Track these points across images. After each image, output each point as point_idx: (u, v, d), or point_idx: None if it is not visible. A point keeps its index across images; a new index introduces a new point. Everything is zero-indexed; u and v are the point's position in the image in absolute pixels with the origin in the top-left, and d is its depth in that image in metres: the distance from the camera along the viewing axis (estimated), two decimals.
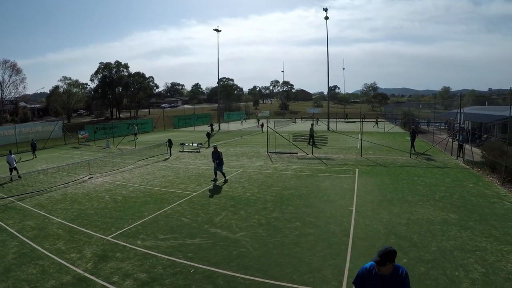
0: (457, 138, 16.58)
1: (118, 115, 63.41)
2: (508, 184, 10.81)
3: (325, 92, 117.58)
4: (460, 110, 16.97)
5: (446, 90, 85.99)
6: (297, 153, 19.60)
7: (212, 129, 32.77)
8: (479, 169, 13.51)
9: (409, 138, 19.89)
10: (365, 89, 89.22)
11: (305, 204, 9.77)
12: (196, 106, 73.87)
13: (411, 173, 13.67)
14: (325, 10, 33.86)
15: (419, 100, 75.37)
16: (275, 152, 20.15)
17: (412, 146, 18.42)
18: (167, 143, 19.83)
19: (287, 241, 7.21)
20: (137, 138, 29.57)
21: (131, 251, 6.79)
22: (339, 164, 16.03)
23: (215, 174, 13.25)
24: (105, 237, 7.63)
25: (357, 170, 14.54)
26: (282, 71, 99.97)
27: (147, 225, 8.41)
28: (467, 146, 16.37)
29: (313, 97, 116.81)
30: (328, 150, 20.20)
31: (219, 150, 13.23)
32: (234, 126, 43.15)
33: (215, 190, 11.77)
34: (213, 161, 13.11)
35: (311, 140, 21.08)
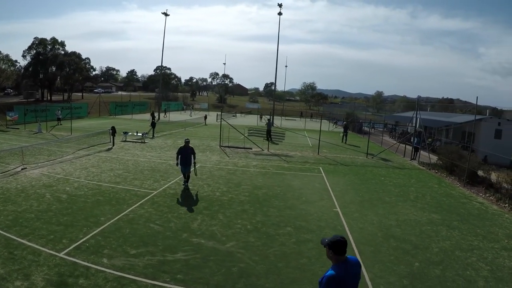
0: (412, 140, 18.48)
1: (49, 97, 57.95)
2: (468, 185, 12.34)
3: (261, 89, 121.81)
4: (417, 114, 18.89)
5: (379, 94, 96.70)
6: (251, 148, 19.40)
7: (153, 118, 31.13)
8: (436, 171, 15.16)
9: (341, 134, 24.48)
10: (303, 88, 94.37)
11: (286, 206, 9.34)
12: (133, 93, 69.60)
13: (375, 173, 14.53)
14: (280, 5, 34.38)
15: (354, 102, 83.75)
16: (228, 146, 19.60)
17: (345, 139, 22.72)
18: (111, 131, 17.80)
19: (288, 251, 6.61)
20: (60, 124, 26.15)
21: (99, 275, 5.19)
22: (300, 162, 16.22)
23: (186, 176, 10.73)
24: (58, 254, 5.74)
25: (321, 168, 14.85)
26: (224, 64, 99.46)
27: (109, 234, 6.74)
28: (420, 148, 18.35)
29: (249, 92, 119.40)
30: (282, 147, 20.43)
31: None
32: (174, 116, 41.48)
33: (179, 188, 10.43)
34: (179, 164, 10.46)
35: (268, 136, 21.20)
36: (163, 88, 49.54)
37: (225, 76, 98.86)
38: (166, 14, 37.67)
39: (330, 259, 3.24)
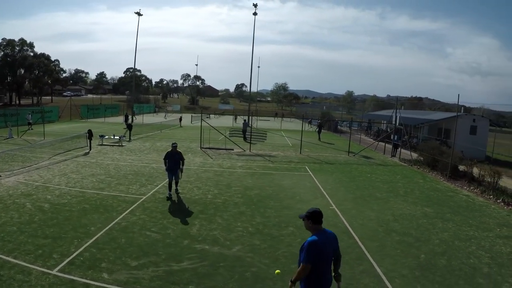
0: (392, 138, 19.20)
1: (18, 101, 55.79)
2: (451, 179, 12.97)
3: (232, 90, 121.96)
4: (396, 112, 19.66)
5: (349, 94, 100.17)
6: (233, 149, 19.21)
7: (126, 120, 31.45)
8: (418, 167, 15.85)
9: (316, 131, 27.21)
10: (276, 89, 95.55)
11: (282, 206, 9.24)
12: (104, 96, 67.90)
13: (360, 170, 14.89)
14: (255, 5, 34.42)
15: (324, 102, 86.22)
16: (209, 148, 19.26)
17: (319, 136, 24.85)
18: (87, 134, 16.94)
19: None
20: (31, 129, 24.40)
21: None
22: (285, 162, 16.27)
23: (170, 187, 9.67)
24: (50, 271, 5.09)
25: (307, 167, 14.98)
26: (196, 65, 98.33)
27: (103, 246, 6.16)
28: (400, 145, 19.08)
29: (219, 94, 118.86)
30: (264, 147, 20.46)
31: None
32: (148, 119, 40.46)
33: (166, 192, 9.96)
34: (168, 170, 9.43)
35: (245, 136, 21.55)
36: (134, 90, 47.96)
37: (197, 77, 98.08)
38: (139, 14, 36.74)
39: (308, 229, 3.64)
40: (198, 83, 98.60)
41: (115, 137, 19.80)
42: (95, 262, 5.57)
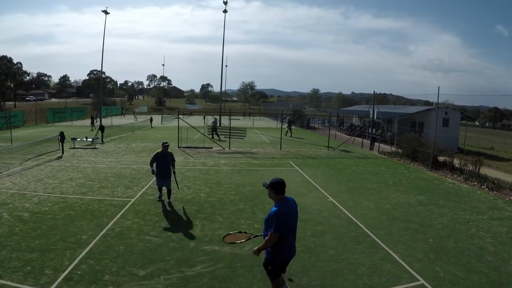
0: (370, 132, 19.81)
1: None
2: (433, 169, 13.60)
3: (196, 90, 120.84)
4: (373, 107, 20.29)
5: (315, 92, 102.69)
6: (212, 148, 18.78)
7: (93, 122, 30.69)
8: (399, 159, 16.46)
9: (286, 128, 27.53)
10: (243, 88, 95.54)
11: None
12: (68, 100, 65.07)
13: (344, 163, 15.17)
14: (225, 3, 33.77)
15: (290, 100, 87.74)
16: (188, 147, 18.62)
17: (290, 132, 25.49)
18: (59, 137, 15.81)
19: (312, 245, 6.29)
20: None
21: None
22: (267, 158, 16.16)
23: (160, 190, 8.63)
24: None
25: (291, 162, 14.98)
26: (163, 65, 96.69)
27: (101, 255, 5.47)
28: (380, 139, 19.74)
29: (185, 94, 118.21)
30: (242, 145, 20.21)
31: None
32: (117, 121, 38.69)
33: (157, 193, 9.29)
34: (157, 175, 8.28)
35: (214, 134, 21.98)
36: (99, 93, 45.43)
37: (163, 78, 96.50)
38: (106, 12, 35.12)
39: (271, 198, 3.93)
40: (164, 83, 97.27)
41: (88, 140, 18.95)
42: (96, 275, 4.90)
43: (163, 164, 8.20)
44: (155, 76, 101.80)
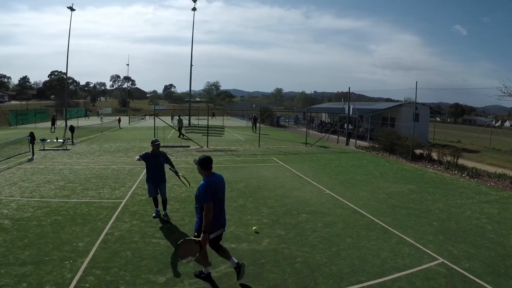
0: (346, 128, 20.41)
1: None
2: (413, 161, 14.32)
3: (159, 91, 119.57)
4: (349, 104, 20.91)
5: (278, 91, 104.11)
6: (189, 146, 18.21)
7: (54, 123, 29.59)
8: (377, 152, 17.13)
9: (251, 125, 29.14)
10: (208, 87, 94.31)
11: (279, 195, 8.91)
12: (30, 101, 62.65)
13: (327, 158, 15.48)
14: (194, 1, 32.96)
15: (253, 99, 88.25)
16: (165, 146, 17.78)
17: (254, 129, 26.56)
18: (29, 138, 14.78)
19: (327, 235, 6.23)
20: None
21: None
22: (249, 155, 16.03)
23: (156, 202, 7.08)
24: None
25: (275, 158, 14.98)
26: (127, 65, 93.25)
27: (107, 264, 4.86)
28: (356, 134, 20.41)
29: (148, 95, 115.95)
30: (219, 143, 20.00)
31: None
32: (82, 122, 37.17)
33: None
34: (149, 181, 6.89)
35: (180, 133, 22.51)
36: (62, 94, 42.48)
37: (127, 78, 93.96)
38: (71, 9, 32.95)
39: (200, 173, 4.38)
40: (128, 84, 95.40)
41: (59, 141, 18.29)
42: (109, 287, 4.39)
43: (155, 166, 6.81)
44: (118, 76, 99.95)
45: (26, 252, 5.13)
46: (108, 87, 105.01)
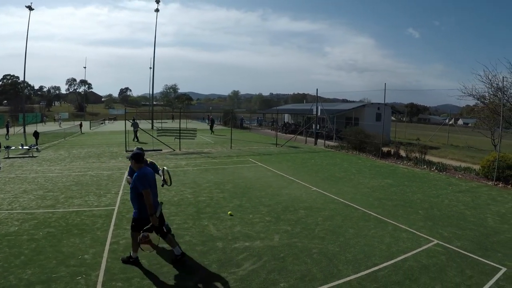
0: (314, 128, 21.26)
1: None
2: (382, 158, 15.46)
3: (114, 95, 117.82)
4: (317, 105, 21.78)
5: (235, 93, 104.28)
6: (161, 150, 17.74)
7: (8, 129, 28.09)
8: (346, 151, 18.13)
9: (208, 124, 29.60)
10: (165, 90, 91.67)
11: (269, 194, 9.11)
12: None
13: (301, 158, 16.10)
14: (157, 1, 31.95)
15: (210, 102, 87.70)
16: None
17: (211, 129, 27.75)
18: None
19: (331, 228, 6.61)
20: None
21: None
22: (224, 157, 16.11)
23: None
24: None
25: (251, 159, 15.22)
26: (85, 67, 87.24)
27: (126, 274, 4.59)
28: (325, 134, 21.35)
29: (103, 99, 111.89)
30: (190, 146, 19.86)
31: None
32: (40, 128, 33.35)
33: None
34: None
35: (136, 136, 23.10)
36: (16, 99, 38.31)
37: (84, 81, 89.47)
38: (30, 8, 31.38)
39: (133, 167, 4.95)
40: (85, 88, 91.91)
41: (24, 147, 17.21)
42: None
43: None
44: (74, 80, 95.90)
45: (28, 271, 4.64)
46: (63, 91, 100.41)
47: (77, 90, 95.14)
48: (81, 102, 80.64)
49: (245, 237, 6.11)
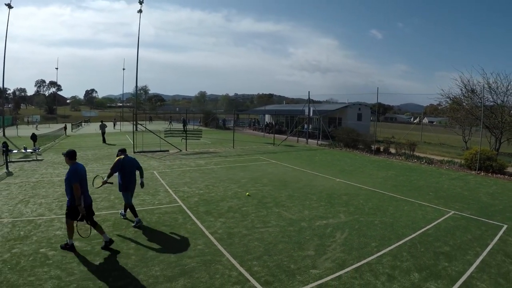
0: (306, 128, 23.55)
1: None
2: (376, 155, 18.08)
3: (79, 96, 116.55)
4: (309, 106, 24.00)
5: (202, 94, 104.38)
6: (168, 150, 18.94)
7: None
8: (340, 148, 20.63)
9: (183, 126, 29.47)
10: (138, 92, 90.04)
11: (306, 185, 10.94)
12: None
13: (305, 155, 18.34)
14: (141, 2, 32.10)
15: (176, 104, 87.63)
16: (144, 151, 18.26)
17: (185, 131, 29.43)
18: (3, 149, 13.22)
19: (375, 207, 8.70)
20: None
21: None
22: (235, 156, 17.63)
23: (134, 211, 7.27)
24: None
25: (261, 157, 17.03)
26: (57, 68, 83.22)
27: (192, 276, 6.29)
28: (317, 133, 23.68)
29: (68, 101, 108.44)
30: (194, 147, 20.98)
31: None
32: (11, 132, 34.34)
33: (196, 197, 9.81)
34: (122, 189, 7.21)
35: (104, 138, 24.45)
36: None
37: (53, 83, 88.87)
38: (9, 6, 30.90)
39: (67, 163, 5.85)
40: (54, 90, 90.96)
41: (27, 151, 16.71)
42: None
43: (129, 172, 7.19)
44: (44, 81, 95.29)
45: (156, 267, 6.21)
46: (28, 94, 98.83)
47: (45, 92, 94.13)
48: (51, 104, 79.85)
49: (318, 218, 7.90)
